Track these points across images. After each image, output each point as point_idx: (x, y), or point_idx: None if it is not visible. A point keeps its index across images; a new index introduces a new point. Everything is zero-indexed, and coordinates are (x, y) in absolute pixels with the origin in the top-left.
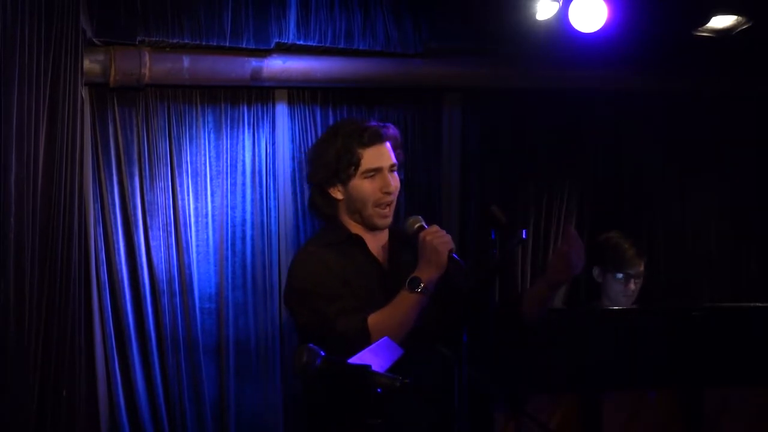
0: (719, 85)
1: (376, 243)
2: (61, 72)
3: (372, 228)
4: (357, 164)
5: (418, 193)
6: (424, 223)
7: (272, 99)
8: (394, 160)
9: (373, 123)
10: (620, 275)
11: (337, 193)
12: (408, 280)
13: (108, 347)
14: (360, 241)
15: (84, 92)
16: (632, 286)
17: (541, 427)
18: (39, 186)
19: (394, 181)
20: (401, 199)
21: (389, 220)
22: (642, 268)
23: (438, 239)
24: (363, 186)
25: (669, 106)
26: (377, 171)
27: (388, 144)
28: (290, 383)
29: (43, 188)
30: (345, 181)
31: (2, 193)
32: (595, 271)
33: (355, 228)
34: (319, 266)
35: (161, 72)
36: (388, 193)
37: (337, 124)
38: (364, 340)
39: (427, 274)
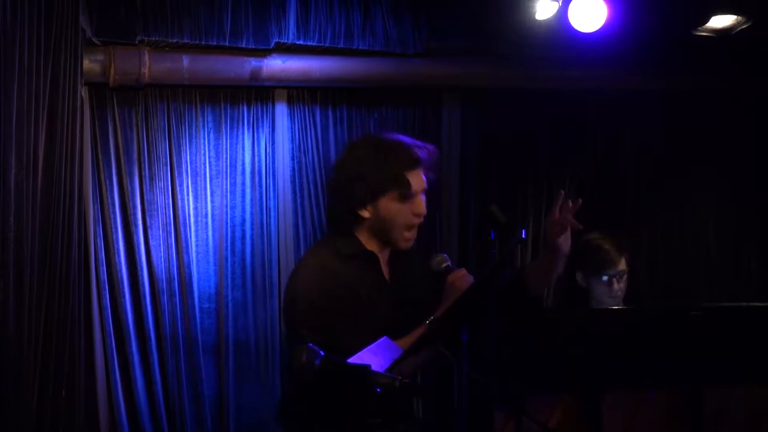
0: (719, 85)
1: (383, 258)
2: (61, 72)
3: (391, 248)
4: (400, 185)
5: None
6: (449, 263)
7: (272, 99)
8: (426, 183)
9: (410, 143)
10: (604, 277)
11: (365, 213)
12: (429, 321)
13: (108, 347)
14: (375, 259)
15: (84, 92)
16: (616, 286)
17: (541, 427)
18: (39, 186)
19: (425, 203)
20: None
21: (411, 244)
22: (624, 266)
23: (465, 285)
24: (395, 208)
25: (669, 105)
26: (414, 194)
27: (422, 167)
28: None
29: (43, 188)
30: (377, 203)
31: (2, 193)
32: (579, 276)
33: (370, 244)
34: (332, 282)
35: (161, 72)
36: (419, 216)
37: (375, 140)
38: None
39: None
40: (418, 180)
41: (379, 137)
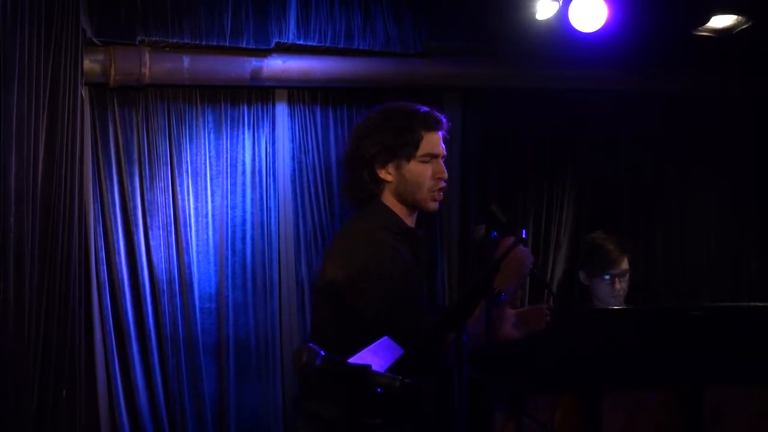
0: (719, 85)
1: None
2: (61, 72)
3: (421, 210)
4: (417, 145)
5: None
6: (492, 232)
7: (272, 99)
8: (445, 150)
9: (428, 108)
10: (606, 276)
11: (387, 175)
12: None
13: (108, 347)
14: (414, 237)
15: (84, 92)
16: (618, 285)
17: (541, 427)
18: (39, 186)
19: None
20: None
21: (437, 206)
22: (626, 266)
23: (523, 254)
24: (419, 169)
25: (669, 105)
26: (433, 157)
27: (441, 133)
28: (290, 383)
29: (43, 188)
30: (400, 162)
31: (2, 193)
32: (581, 275)
33: (401, 212)
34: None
35: (161, 72)
36: (441, 179)
37: (391, 107)
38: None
39: (507, 284)
40: (436, 142)
41: (397, 103)
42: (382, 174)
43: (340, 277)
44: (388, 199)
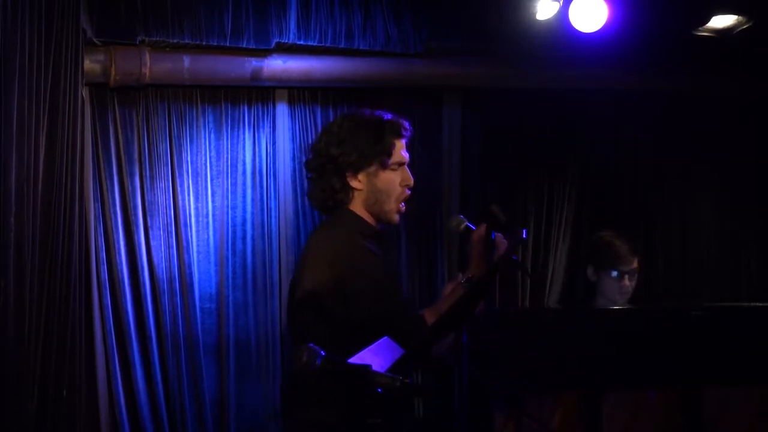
0: (719, 85)
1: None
2: (62, 72)
3: (385, 223)
4: (390, 154)
5: (418, 193)
6: (468, 223)
7: (272, 99)
8: (408, 157)
9: (393, 115)
10: (615, 273)
11: (357, 183)
12: (466, 280)
13: (108, 347)
14: (383, 238)
15: (84, 92)
16: (627, 282)
17: (541, 427)
18: (39, 186)
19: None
20: None
21: (398, 219)
22: (636, 265)
23: (501, 242)
24: (390, 177)
25: (669, 106)
26: (401, 164)
27: (405, 141)
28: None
29: (44, 188)
30: (372, 170)
31: (2, 193)
32: (589, 271)
33: (369, 219)
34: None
35: (161, 72)
36: (408, 186)
37: (359, 115)
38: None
39: (478, 270)
40: (403, 149)
41: (361, 111)
42: (353, 183)
43: (322, 284)
44: (357, 208)
